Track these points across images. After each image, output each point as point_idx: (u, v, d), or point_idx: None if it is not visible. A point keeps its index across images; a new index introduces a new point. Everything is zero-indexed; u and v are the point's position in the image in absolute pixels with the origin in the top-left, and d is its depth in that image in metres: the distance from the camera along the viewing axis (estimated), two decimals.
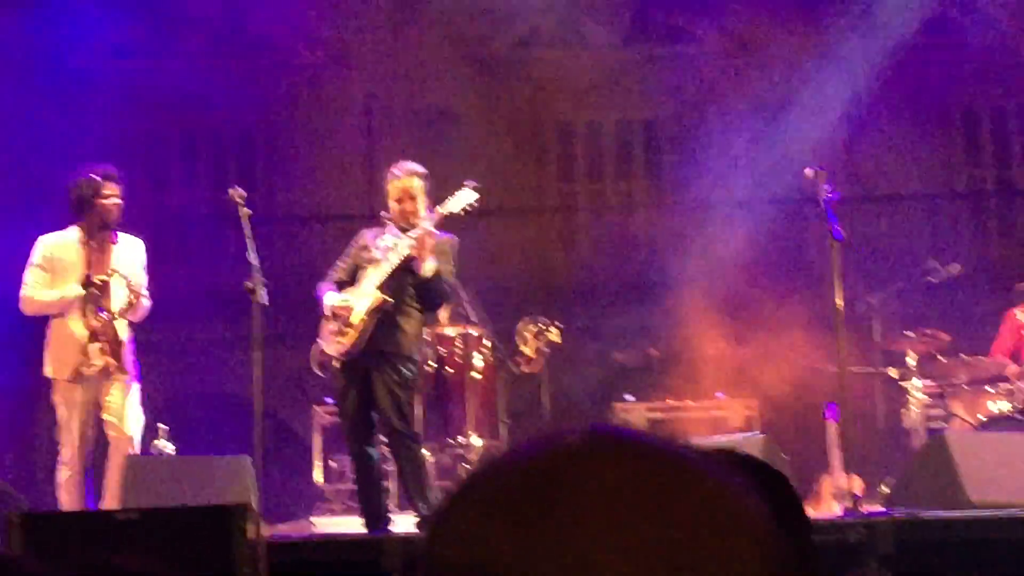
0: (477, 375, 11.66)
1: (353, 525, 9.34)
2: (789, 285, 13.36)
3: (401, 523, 8.98)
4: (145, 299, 9.15)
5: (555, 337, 11.96)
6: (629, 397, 12.56)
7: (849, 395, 8.87)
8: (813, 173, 8.94)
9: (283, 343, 11.85)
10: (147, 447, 10.83)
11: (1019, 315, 11.47)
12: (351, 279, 8.97)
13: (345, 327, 8.71)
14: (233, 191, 9.20)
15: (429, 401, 11.64)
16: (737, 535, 1.03)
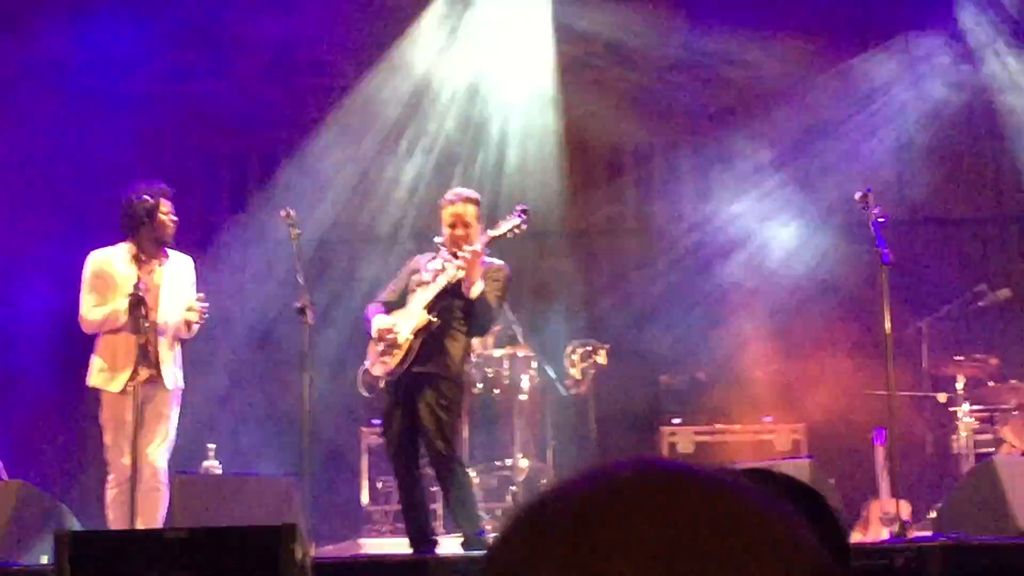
0: (524, 397, 11.69)
1: (399, 546, 9.36)
2: (838, 309, 13.30)
3: (447, 544, 9.00)
4: (197, 318, 9.19)
5: (602, 359, 11.97)
6: (676, 420, 12.52)
7: (897, 420, 8.84)
8: (862, 196, 8.93)
9: (332, 364, 11.87)
10: (196, 467, 10.90)
11: None
12: (401, 301, 8.96)
13: (391, 348, 8.70)
14: (284, 212, 9.25)
15: (476, 423, 11.66)
16: (786, 566, 1.03)
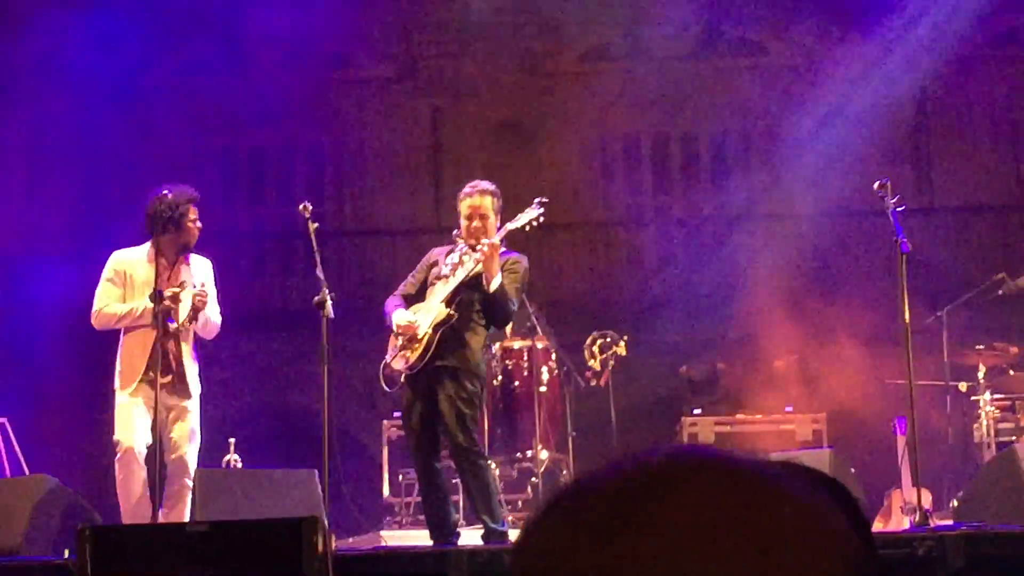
0: (544, 388, 11.69)
1: (421, 538, 9.37)
2: (857, 298, 13.29)
3: (468, 536, 9.01)
4: (215, 314, 9.22)
5: (622, 351, 11.97)
6: (696, 410, 12.53)
7: (918, 409, 8.82)
8: (881, 185, 8.92)
9: (352, 357, 11.90)
10: (217, 461, 10.94)
11: None
12: (419, 295, 8.97)
13: (411, 342, 8.70)
14: (302, 206, 9.25)
15: (496, 415, 11.67)
16: (823, 552, 1.04)
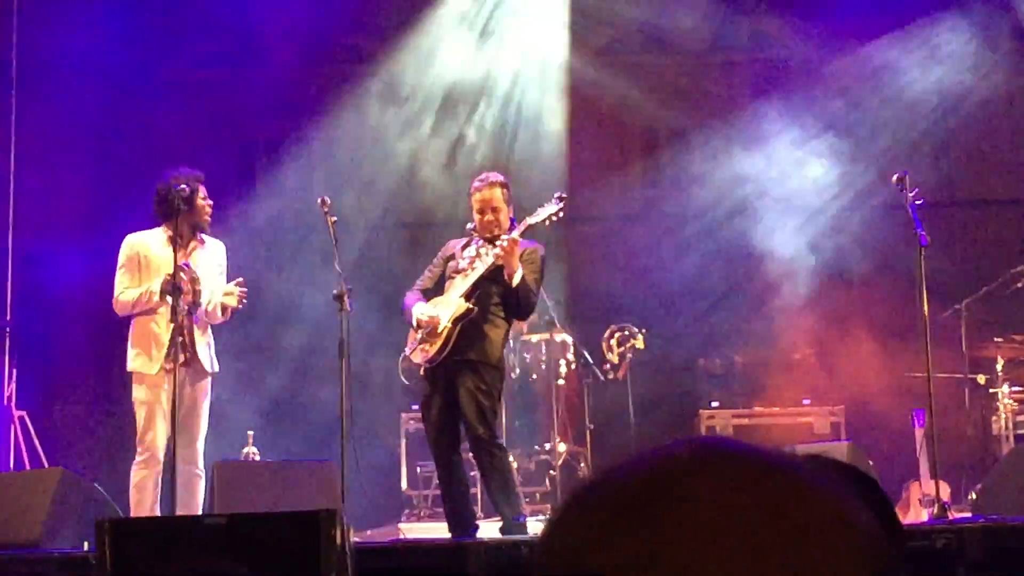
0: (562, 381, 11.70)
1: (439, 531, 9.39)
2: (876, 291, 13.26)
3: (486, 529, 9.02)
4: (236, 302, 9.24)
5: (640, 344, 11.98)
6: (714, 403, 12.53)
7: (937, 401, 8.81)
8: (899, 178, 8.91)
9: (370, 350, 11.91)
10: (235, 453, 10.97)
11: None
12: (438, 289, 8.99)
13: (430, 336, 8.72)
14: (320, 200, 9.28)
15: (515, 408, 11.69)
16: (849, 547, 1.04)
